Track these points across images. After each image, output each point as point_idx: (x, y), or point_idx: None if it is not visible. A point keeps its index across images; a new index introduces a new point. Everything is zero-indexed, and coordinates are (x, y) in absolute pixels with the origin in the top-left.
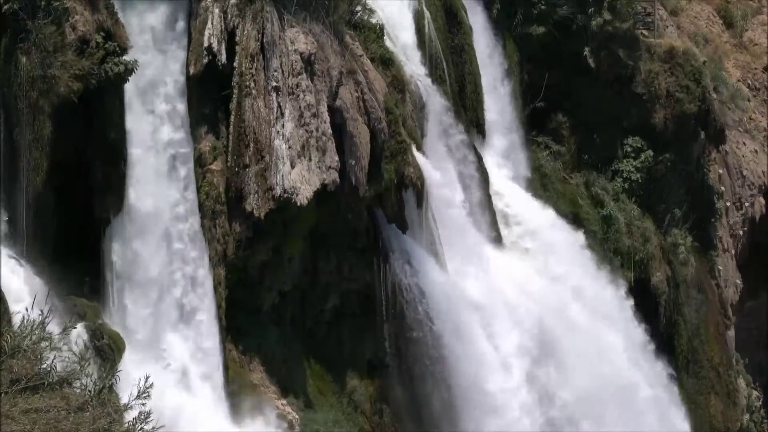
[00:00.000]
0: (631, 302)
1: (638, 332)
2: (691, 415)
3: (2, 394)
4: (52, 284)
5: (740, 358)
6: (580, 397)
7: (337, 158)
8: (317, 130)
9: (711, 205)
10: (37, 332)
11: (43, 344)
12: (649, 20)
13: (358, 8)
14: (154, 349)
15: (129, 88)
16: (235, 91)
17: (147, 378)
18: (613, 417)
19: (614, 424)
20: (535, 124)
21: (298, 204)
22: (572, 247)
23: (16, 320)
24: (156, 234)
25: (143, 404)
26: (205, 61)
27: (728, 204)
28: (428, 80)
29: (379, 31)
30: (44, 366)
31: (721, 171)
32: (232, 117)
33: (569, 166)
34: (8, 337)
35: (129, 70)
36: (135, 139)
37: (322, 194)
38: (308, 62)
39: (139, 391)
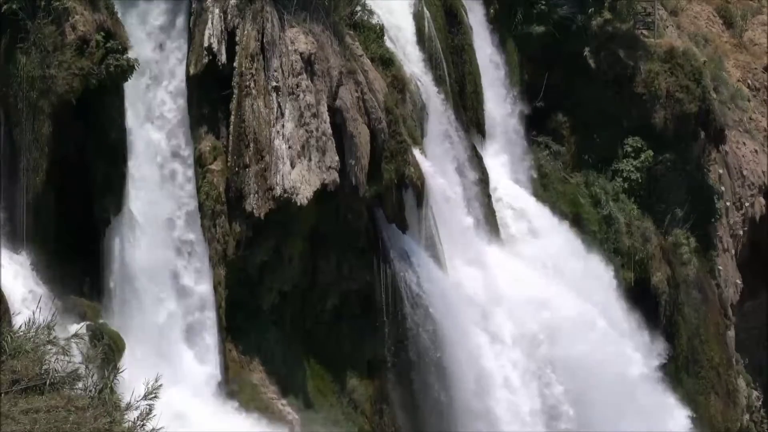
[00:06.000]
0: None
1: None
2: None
3: (2, 394)
4: (52, 284)
5: (740, 358)
6: (582, 397)
7: (337, 158)
8: (317, 130)
9: (711, 205)
10: (41, 336)
11: (49, 347)
12: (649, 20)
13: (358, 8)
14: (154, 349)
15: (129, 87)
16: (235, 91)
17: (157, 378)
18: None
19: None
20: (535, 124)
21: (298, 204)
22: (571, 245)
23: (17, 321)
24: (156, 234)
25: (149, 405)
26: (205, 61)
27: (728, 204)
28: (428, 80)
29: (379, 31)
30: (46, 367)
31: (721, 171)
32: (232, 117)
33: (569, 166)
34: (8, 337)
35: (130, 67)
36: (135, 139)
37: (322, 194)
38: (308, 62)
39: (146, 392)
